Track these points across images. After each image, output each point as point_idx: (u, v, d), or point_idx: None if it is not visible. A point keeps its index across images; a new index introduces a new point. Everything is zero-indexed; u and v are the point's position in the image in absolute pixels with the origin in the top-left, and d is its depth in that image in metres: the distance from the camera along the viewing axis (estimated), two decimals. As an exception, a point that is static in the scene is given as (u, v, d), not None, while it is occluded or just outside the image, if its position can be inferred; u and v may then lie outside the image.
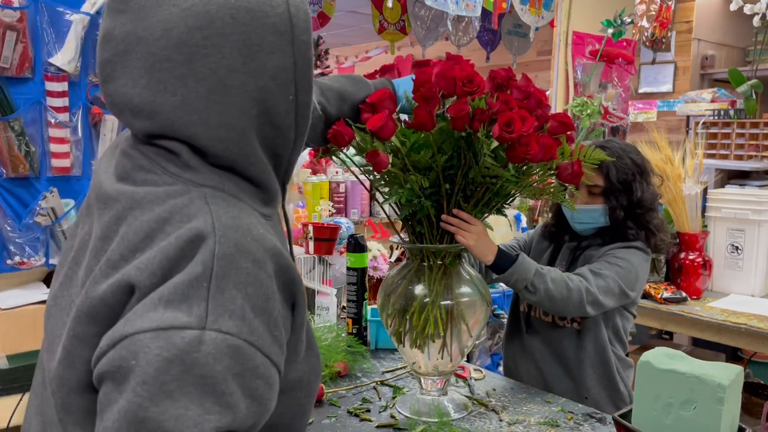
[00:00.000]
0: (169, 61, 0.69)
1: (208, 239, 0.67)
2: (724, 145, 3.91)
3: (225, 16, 0.70)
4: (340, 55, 7.40)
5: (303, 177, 2.72)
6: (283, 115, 0.76)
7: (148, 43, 0.70)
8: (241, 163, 0.74)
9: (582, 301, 1.59)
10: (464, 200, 1.40)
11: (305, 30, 0.76)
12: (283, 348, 0.72)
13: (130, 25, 0.71)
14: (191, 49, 0.69)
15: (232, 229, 0.68)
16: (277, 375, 0.70)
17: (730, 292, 2.66)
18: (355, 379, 1.65)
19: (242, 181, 0.76)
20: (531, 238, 1.99)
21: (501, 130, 1.24)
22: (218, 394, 0.62)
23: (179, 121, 0.71)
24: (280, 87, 0.74)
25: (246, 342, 0.65)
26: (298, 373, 0.80)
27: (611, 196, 1.74)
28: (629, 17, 3.23)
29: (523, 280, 1.55)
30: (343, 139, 1.29)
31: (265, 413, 0.68)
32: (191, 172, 0.73)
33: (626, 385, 1.80)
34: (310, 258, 1.96)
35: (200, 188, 0.72)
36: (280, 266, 0.72)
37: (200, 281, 0.64)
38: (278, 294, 0.71)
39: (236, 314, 0.64)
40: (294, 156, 0.82)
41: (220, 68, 0.70)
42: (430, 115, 1.26)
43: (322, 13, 3.72)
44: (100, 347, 0.65)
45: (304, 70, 0.77)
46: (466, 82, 1.31)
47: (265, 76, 0.73)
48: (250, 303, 0.66)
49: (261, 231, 0.72)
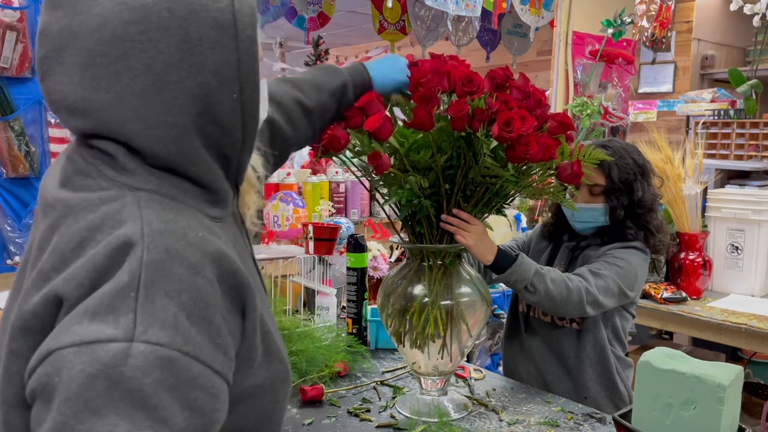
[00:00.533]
0: (103, 57, 0.67)
1: (136, 246, 0.64)
2: (724, 145, 3.91)
3: (162, 9, 0.68)
4: (340, 55, 7.39)
5: (303, 177, 2.72)
6: (228, 114, 0.73)
7: (83, 39, 0.67)
8: (182, 163, 0.71)
9: (582, 302, 1.59)
10: (464, 200, 1.40)
11: (250, 25, 0.73)
12: (229, 355, 0.69)
13: (66, 20, 0.68)
14: (126, 44, 0.67)
15: (163, 234, 0.66)
16: (224, 384, 0.67)
17: (730, 292, 2.66)
18: (355, 379, 1.65)
19: (185, 182, 0.73)
20: (530, 239, 1.99)
21: (500, 130, 1.24)
22: (150, 408, 0.59)
23: (114, 119, 0.68)
24: (223, 84, 0.71)
25: (180, 352, 0.62)
26: (257, 379, 0.77)
27: (612, 196, 1.74)
28: (629, 17, 3.23)
29: (522, 280, 1.55)
30: (339, 144, 1.29)
31: (211, 425, 0.65)
32: (127, 175, 0.70)
33: (626, 385, 1.79)
34: (310, 258, 1.96)
35: (135, 192, 0.69)
36: (224, 270, 0.69)
37: (127, 291, 0.61)
38: (222, 300, 0.68)
39: (168, 324, 0.61)
40: (244, 156, 0.79)
41: (156, 63, 0.68)
42: (429, 115, 1.26)
43: (322, 13, 3.72)
44: (30, 363, 0.63)
45: (248, 66, 0.73)
46: (465, 81, 1.31)
47: (205, 72, 0.70)
48: (185, 311, 0.63)
49: (200, 234, 0.69)
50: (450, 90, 1.34)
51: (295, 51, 6.82)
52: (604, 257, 1.72)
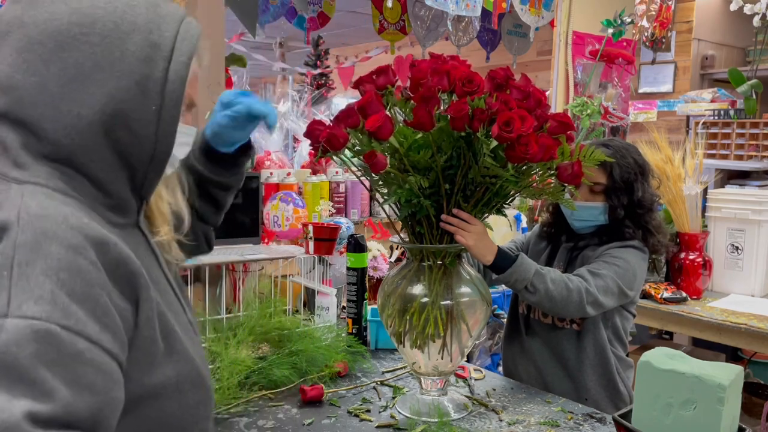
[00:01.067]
0: (40, 45, 0.73)
1: (11, 229, 0.66)
2: (724, 145, 3.91)
3: (108, 22, 0.75)
4: (340, 55, 7.40)
5: (303, 177, 2.72)
6: (143, 123, 0.77)
7: (28, 28, 0.74)
8: (81, 156, 0.75)
9: (582, 302, 1.59)
10: (464, 200, 1.40)
11: (186, 53, 0.80)
12: (119, 337, 0.70)
13: (19, 11, 0.75)
14: (66, 39, 0.74)
15: (40, 218, 0.68)
16: (115, 364, 0.68)
17: (730, 292, 2.65)
18: (355, 379, 1.65)
19: (81, 177, 0.76)
20: (528, 240, 1.99)
21: (500, 130, 1.24)
22: (28, 382, 0.59)
23: (30, 99, 0.73)
24: (144, 94, 0.76)
25: (59, 326, 0.63)
26: (159, 378, 0.77)
27: (612, 195, 1.74)
28: (629, 17, 3.23)
29: (522, 281, 1.55)
30: (338, 142, 1.29)
31: (107, 405, 0.65)
32: (18, 169, 0.73)
33: (626, 386, 1.79)
34: (310, 258, 1.96)
35: (22, 185, 0.72)
36: (111, 257, 0.71)
37: (0, 271, 0.63)
38: (111, 284, 0.70)
39: (44, 299, 0.63)
40: (152, 172, 0.81)
41: (87, 61, 0.74)
42: (429, 115, 1.26)
43: (322, 13, 3.72)
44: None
45: (175, 87, 0.79)
46: (465, 81, 1.31)
47: (129, 78, 0.75)
48: (64, 288, 0.64)
49: (85, 221, 0.71)
50: (450, 90, 1.34)
51: (295, 51, 6.83)
52: (603, 257, 1.72)
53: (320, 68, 6.63)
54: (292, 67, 6.32)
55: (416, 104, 1.28)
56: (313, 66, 6.68)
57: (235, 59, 2.54)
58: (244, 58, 2.59)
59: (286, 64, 6.17)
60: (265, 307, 1.72)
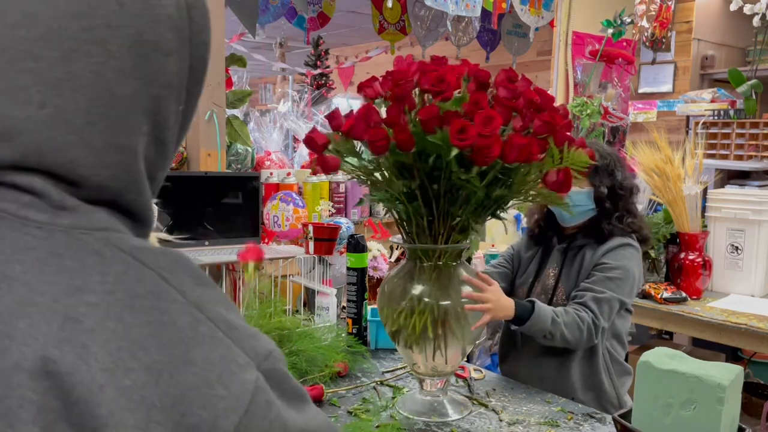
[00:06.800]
0: (35, 60, 0.49)
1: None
2: (724, 145, 3.91)
3: (110, 1, 0.52)
4: (340, 55, 7.40)
5: (303, 177, 2.72)
6: (170, 130, 0.59)
7: (2, 33, 0.49)
8: (129, 194, 0.56)
9: (591, 337, 1.68)
10: (451, 203, 1.36)
11: (204, 27, 0.60)
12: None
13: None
14: (67, 43, 0.50)
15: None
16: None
17: (730, 292, 2.65)
18: (355, 379, 1.65)
19: (122, 216, 0.57)
20: (517, 250, 1.99)
21: (453, 138, 1.20)
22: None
23: (50, 143, 0.50)
24: (172, 96, 0.58)
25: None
26: None
27: (596, 178, 1.80)
28: (629, 17, 3.23)
29: (540, 330, 1.62)
30: (317, 145, 1.29)
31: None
32: (69, 214, 0.51)
33: (615, 387, 1.81)
34: (310, 258, 1.96)
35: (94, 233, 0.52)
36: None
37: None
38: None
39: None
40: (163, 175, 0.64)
41: (107, 71, 0.52)
42: (399, 113, 1.25)
43: (322, 13, 3.73)
44: None
45: (198, 76, 0.61)
46: (436, 82, 1.29)
47: (159, 82, 0.56)
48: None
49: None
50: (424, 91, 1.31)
51: (295, 51, 6.82)
52: (602, 268, 1.75)
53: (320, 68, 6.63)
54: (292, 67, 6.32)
55: (390, 103, 1.27)
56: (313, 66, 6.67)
57: (235, 59, 2.55)
58: (244, 59, 2.60)
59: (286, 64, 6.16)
60: (265, 307, 1.72)
